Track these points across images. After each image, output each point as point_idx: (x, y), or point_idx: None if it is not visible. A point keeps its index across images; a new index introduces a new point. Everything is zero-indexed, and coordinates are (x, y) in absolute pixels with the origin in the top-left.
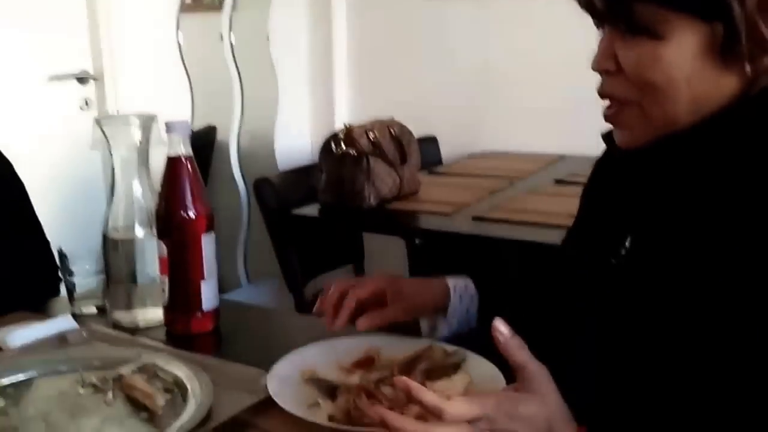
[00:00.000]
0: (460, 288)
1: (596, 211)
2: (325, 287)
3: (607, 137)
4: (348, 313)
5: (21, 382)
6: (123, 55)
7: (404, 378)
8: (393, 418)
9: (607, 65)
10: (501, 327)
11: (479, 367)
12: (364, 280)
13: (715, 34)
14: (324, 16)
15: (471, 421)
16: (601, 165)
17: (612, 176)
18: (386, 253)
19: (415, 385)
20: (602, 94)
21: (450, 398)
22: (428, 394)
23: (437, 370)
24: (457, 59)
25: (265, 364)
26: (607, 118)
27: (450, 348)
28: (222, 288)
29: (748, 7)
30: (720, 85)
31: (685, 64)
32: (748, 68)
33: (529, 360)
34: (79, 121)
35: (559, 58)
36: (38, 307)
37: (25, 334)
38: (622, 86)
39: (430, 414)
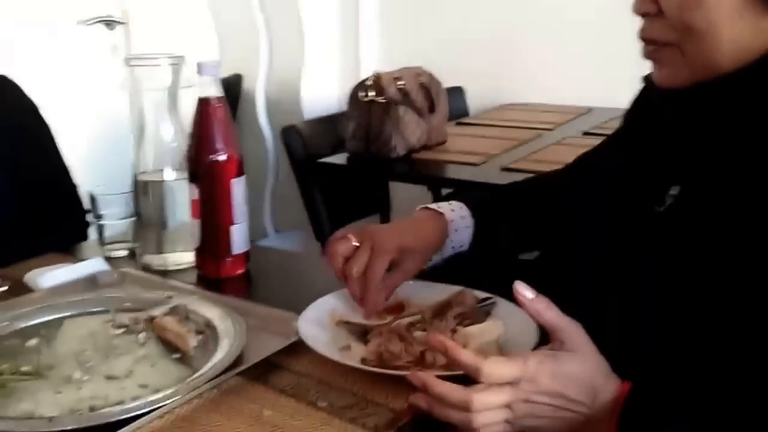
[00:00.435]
0: (457, 222)
1: (635, 158)
2: (332, 240)
3: (647, 79)
4: (377, 299)
5: (53, 321)
6: (150, 1)
7: (440, 337)
8: (436, 383)
9: (648, 8)
10: (523, 290)
11: (511, 313)
12: (373, 251)
13: None
14: None
15: (512, 383)
16: (637, 108)
17: (651, 122)
18: (412, 203)
19: (450, 344)
20: (642, 38)
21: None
22: (464, 353)
23: (469, 316)
24: (484, 9)
25: (295, 308)
26: (647, 54)
27: (481, 294)
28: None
29: None
30: (762, 31)
31: (726, 8)
32: None
33: (561, 318)
34: (107, 65)
35: (589, 9)
36: (69, 250)
37: (57, 275)
38: (662, 29)
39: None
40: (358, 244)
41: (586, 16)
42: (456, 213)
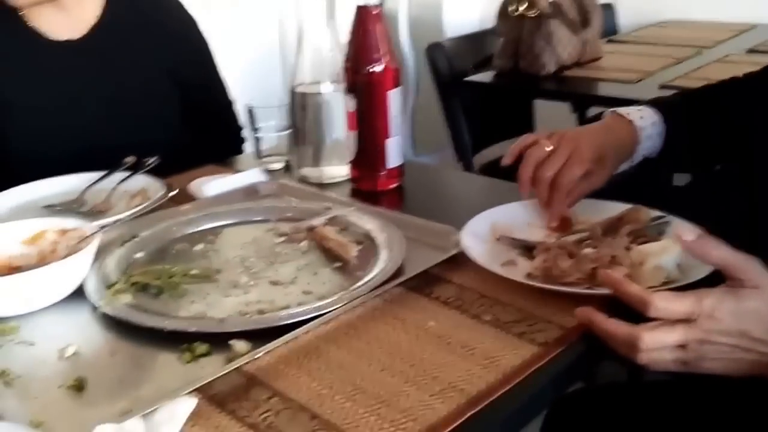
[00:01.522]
0: (648, 129)
1: None
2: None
3: None
4: (563, 207)
5: (218, 228)
6: None
7: (606, 271)
8: (601, 320)
9: None
10: (685, 233)
11: (687, 233)
12: (571, 158)
13: None
14: None
15: (687, 321)
16: None
17: None
18: (557, 125)
19: (617, 279)
20: None
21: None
22: (633, 287)
23: (643, 234)
24: None
25: (452, 222)
26: None
27: (654, 212)
28: None
29: None
30: None
31: None
32: None
33: (733, 255)
34: None
35: None
36: (227, 162)
37: (220, 184)
38: None
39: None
40: (554, 148)
41: None
42: (646, 120)
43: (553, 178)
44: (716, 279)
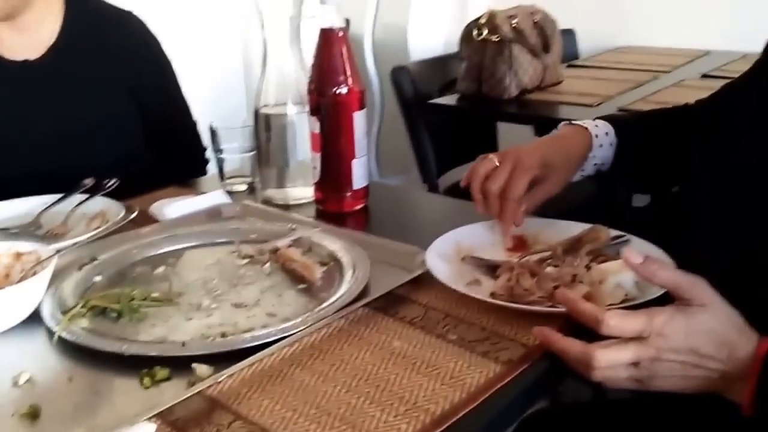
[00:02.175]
0: (601, 137)
1: None
2: (473, 168)
3: None
4: (516, 216)
5: (180, 251)
6: None
7: (561, 290)
8: (556, 339)
9: None
10: (632, 256)
11: (646, 251)
12: (515, 169)
13: None
14: None
15: (639, 339)
16: None
17: None
18: None
19: (571, 298)
20: None
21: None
22: (586, 305)
23: (602, 253)
24: None
25: (418, 243)
26: None
27: (613, 231)
28: None
29: None
30: None
31: None
32: None
33: (680, 276)
34: (220, 2)
35: None
36: (190, 183)
37: (181, 206)
38: None
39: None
40: (499, 163)
41: None
42: (600, 129)
43: (502, 190)
44: (673, 296)
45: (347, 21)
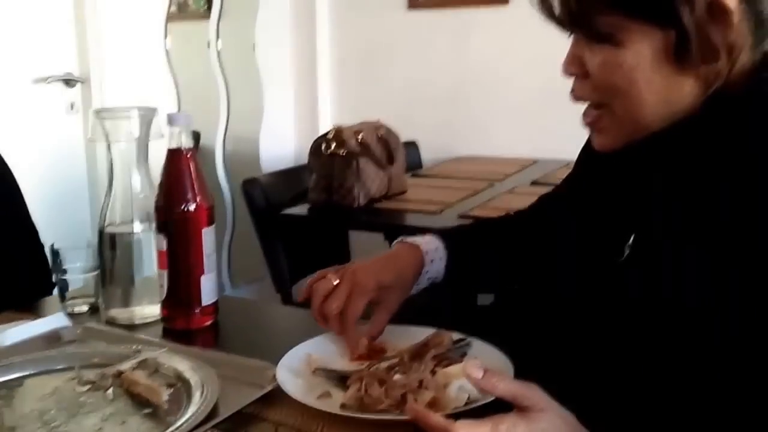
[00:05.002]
0: (431, 253)
1: (592, 212)
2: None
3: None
4: (357, 338)
5: (14, 380)
6: (109, 59)
7: (410, 404)
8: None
9: (575, 69)
10: (473, 370)
11: (486, 352)
12: (352, 292)
13: (668, 39)
14: (308, 23)
15: None
16: (588, 162)
17: (602, 177)
18: (372, 254)
19: (420, 412)
20: (574, 97)
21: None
22: (434, 418)
23: (446, 357)
24: (435, 67)
25: (267, 357)
26: (585, 123)
27: (457, 335)
28: None
29: (697, 14)
30: (681, 87)
31: (644, 68)
32: (702, 71)
33: (517, 385)
34: (65, 123)
35: (535, 73)
36: (28, 307)
37: (17, 332)
38: (590, 89)
39: None
40: (336, 283)
41: (532, 79)
42: (430, 245)
43: (341, 311)
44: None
45: (198, 134)
